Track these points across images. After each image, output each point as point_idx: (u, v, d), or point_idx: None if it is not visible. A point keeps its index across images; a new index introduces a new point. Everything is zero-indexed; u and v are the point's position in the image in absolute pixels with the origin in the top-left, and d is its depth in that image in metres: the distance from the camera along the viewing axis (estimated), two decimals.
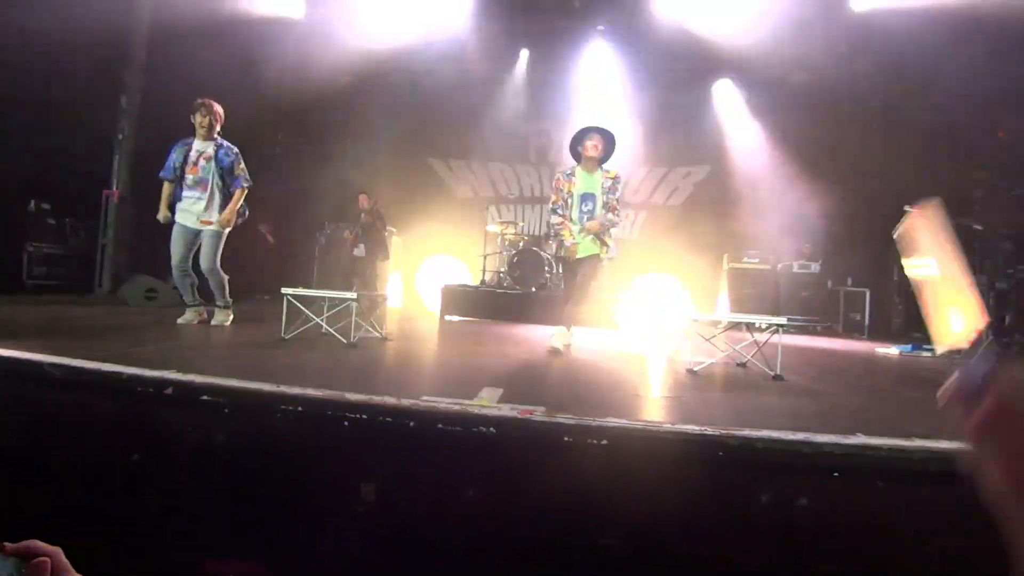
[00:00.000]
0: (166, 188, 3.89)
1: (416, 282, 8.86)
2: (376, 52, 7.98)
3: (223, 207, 3.82)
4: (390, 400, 1.50)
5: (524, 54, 8.56)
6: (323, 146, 8.52)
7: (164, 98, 6.50)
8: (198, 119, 3.87)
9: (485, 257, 7.57)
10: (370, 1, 7.23)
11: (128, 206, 6.37)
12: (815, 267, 7.26)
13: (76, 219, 6.57)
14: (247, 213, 4.05)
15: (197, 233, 3.82)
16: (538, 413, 1.47)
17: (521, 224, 8.94)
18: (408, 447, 1.45)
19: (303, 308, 3.28)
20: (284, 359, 2.60)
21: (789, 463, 1.29)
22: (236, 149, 3.94)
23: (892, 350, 5.07)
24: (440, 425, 1.44)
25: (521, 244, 6.99)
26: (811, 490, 1.29)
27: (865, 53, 6.98)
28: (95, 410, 1.66)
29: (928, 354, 4.82)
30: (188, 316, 3.74)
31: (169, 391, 1.56)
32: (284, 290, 3.29)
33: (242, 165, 3.91)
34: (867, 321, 7.03)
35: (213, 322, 3.79)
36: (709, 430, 1.34)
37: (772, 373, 2.75)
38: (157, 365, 1.72)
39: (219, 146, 3.88)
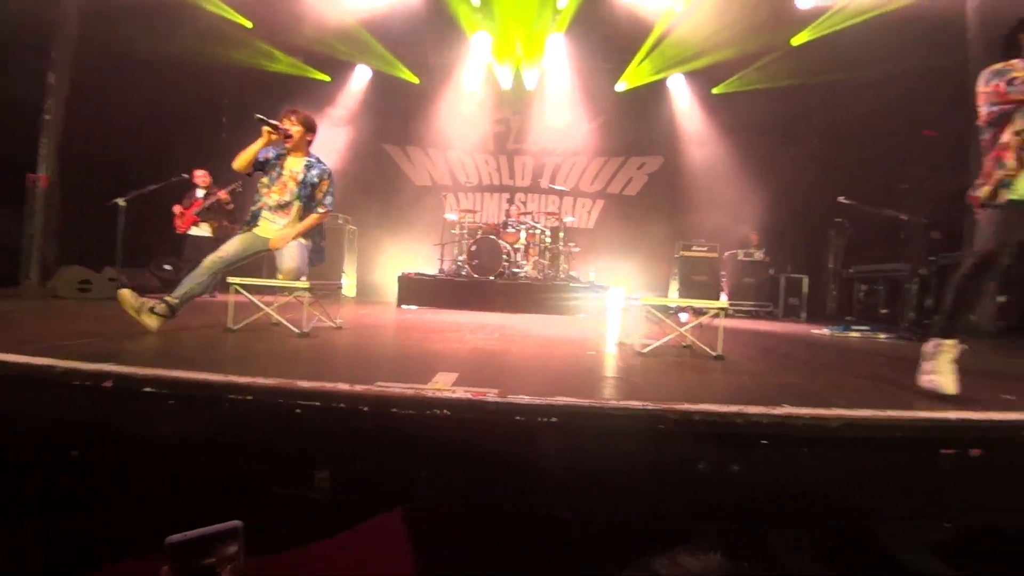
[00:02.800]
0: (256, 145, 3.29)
1: (371, 271, 8.72)
2: (326, 30, 7.75)
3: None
4: (343, 386, 1.50)
5: (479, 38, 8.46)
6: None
7: (97, 76, 6.07)
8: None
9: (443, 246, 7.53)
10: None
11: (57, 192, 5.93)
12: (759, 255, 7.64)
13: None
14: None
15: (265, 242, 3.31)
16: (491, 395, 1.51)
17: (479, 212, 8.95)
18: (363, 432, 1.47)
19: (251, 297, 3.19)
20: (232, 350, 2.53)
21: (723, 433, 1.39)
22: (328, 168, 3.48)
23: (824, 331, 5.44)
24: (394, 409, 1.46)
25: (479, 233, 7.00)
26: (742, 457, 1.40)
27: (810, 52, 7.37)
28: (27, 406, 1.58)
29: (856, 334, 5.21)
30: (159, 310, 2.88)
31: (108, 384, 1.50)
32: (231, 279, 3.19)
33: (327, 186, 3.44)
34: (805, 306, 7.49)
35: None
36: (651, 405, 1.42)
37: (714, 353, 2.92)
38: (95, 359, 1.65)
39: (310, 166, 3.41)
